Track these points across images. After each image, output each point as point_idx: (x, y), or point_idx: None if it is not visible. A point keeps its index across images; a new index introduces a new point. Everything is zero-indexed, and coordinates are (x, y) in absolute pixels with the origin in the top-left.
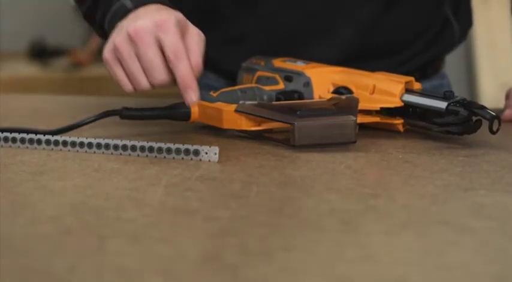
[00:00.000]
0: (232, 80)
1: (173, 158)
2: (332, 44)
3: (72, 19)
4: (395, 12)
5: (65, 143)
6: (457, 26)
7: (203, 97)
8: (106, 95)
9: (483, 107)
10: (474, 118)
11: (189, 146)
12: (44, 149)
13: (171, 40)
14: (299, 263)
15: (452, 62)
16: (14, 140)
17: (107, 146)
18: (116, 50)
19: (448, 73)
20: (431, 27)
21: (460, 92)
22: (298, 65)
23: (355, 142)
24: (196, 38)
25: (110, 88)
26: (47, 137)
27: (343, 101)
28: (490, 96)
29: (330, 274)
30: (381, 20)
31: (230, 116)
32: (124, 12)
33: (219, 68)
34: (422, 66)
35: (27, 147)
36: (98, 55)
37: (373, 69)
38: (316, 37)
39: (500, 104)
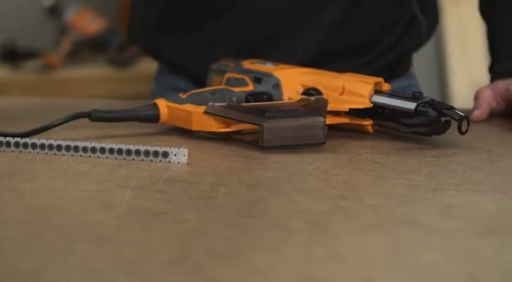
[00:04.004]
0: (201, 84)
1: (142, 160)
2: (299, 47)
3: (43, 22)
4: (362, 11)
5: (34, 146)
6: (425, 22)
7: (172, 99)
8: (77, 97)
9: (452, 108)
10: (443, 119)
11: (158, 148)
12: (13, 151)
13: None
14: (267, 263)
15: (423, 62)
16: None
17: (76, 148)
18: None
19: (419, 73)
20: (399, 24)
21: (431, 92)
22: (268, 67)
23: (324, 143)
24: None
25: (80, 90)
26: (16, 139)
27: (312, 102)
28: (462, 96)
29: (298, 274)
30: (348, 20)
31: (199, 118)
32: None
33: (187, 73)
34: (391, 64)
35: None
36: (69, 58)
37: (342, 69)
38: (283, 42)
39: (472, 104)
